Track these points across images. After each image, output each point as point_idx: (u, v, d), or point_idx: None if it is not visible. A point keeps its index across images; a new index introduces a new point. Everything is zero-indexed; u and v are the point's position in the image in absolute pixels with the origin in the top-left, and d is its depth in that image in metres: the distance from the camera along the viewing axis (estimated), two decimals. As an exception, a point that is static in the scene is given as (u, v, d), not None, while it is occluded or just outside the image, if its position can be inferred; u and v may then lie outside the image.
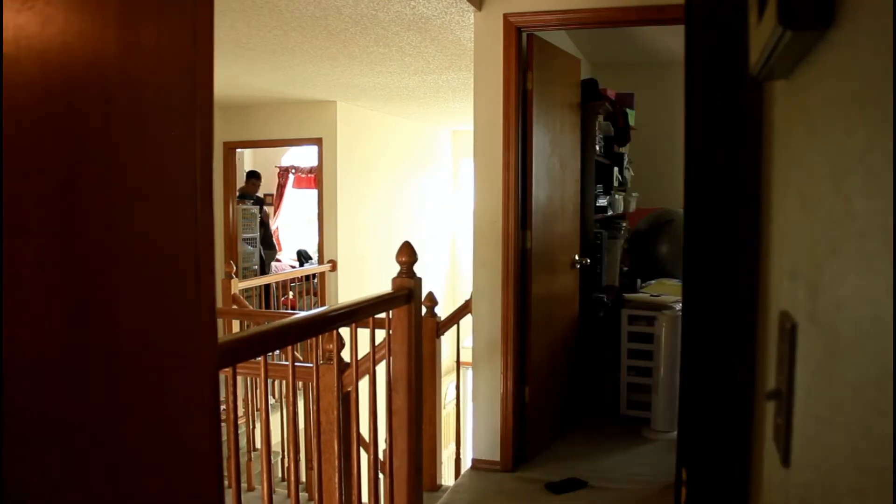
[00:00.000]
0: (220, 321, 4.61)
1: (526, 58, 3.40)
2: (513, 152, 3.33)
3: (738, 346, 0.93)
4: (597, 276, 4.30)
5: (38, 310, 0.61)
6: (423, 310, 3.34)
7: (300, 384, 3.55)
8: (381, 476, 2.82)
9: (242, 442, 4.30)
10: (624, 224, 4.62)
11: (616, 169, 4.59)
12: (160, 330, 0.76)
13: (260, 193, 7.94)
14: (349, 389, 2.93)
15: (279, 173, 9.46)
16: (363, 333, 2.57)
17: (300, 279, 7.04)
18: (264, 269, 7.50)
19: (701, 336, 0.95)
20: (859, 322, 0.46)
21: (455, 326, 3.84)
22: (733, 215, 0.92)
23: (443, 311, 3.84)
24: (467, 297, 3.79)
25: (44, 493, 0.63)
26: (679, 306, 3.93)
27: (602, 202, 4.33)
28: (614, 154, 4.57)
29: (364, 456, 3.13)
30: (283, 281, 6.84)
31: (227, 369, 1.85)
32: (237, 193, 7.27)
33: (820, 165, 0.58)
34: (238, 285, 5.41)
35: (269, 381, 4.60)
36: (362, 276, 6.99)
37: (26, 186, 0.60)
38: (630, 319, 4.15)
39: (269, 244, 7.71)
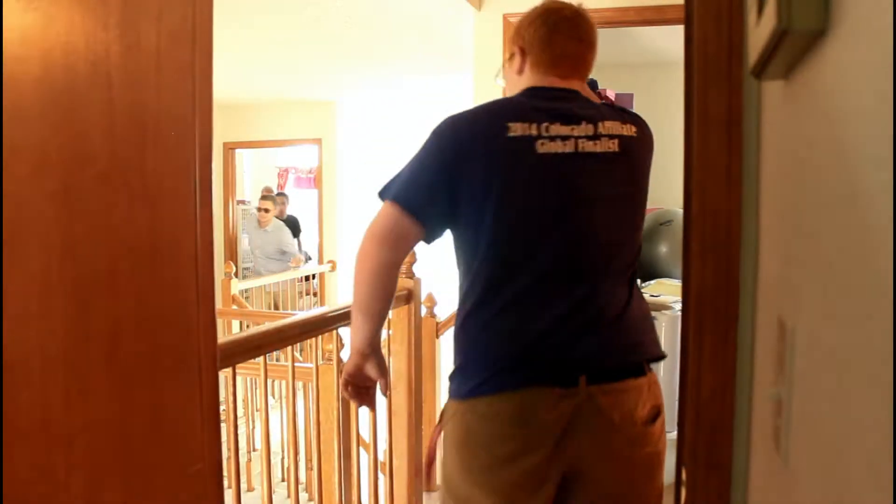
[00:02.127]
0: (219, 321, 4.61)
1: (526, 58, 3.39)
2: (513, 152, 3.32)
3: (738, 346, 0.93)
4: (597, 277, 4.29)
5: (39, 308, 0.61)
6: (423, 310, 3.34)
7: (300, 384, 3.55)
8: (381, 476, 2.82)
9: (242, 442, 4.30)
10: (624, 224, 4.61)
11: (616, 169, 4.58)
12: (160, 330, 0.76)
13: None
14: (349, 389, 2.93)
15: (279, 173, 9.46)
16: (363, 333, 2.57)
17: (300, 279, 7.04)
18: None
19: (700, 336, 0.95)
20: (859, 322, 0.46)
21: (455, 326, 3.84)
22: (733, 215, 0.92)
23: (443, 312, 3.84)
24: (467, 298, 3.79)
25: (43, 493, 0.63)
26: (679, 306, 3.93)
27: (602, 202, 4.32)
28: (614, 154, 4.57)
29: (364, 456, 3.13)
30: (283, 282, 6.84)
31: (226, 369, 1.85)
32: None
33: (819, 165, 0.58)
34: (238, 285, 5.41)
35: (269, 381, 4.59)
36: (362, 276, 6.97)
37: (28, 185, 0.60)
38: (630, 319, 4.15)
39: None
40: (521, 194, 1.31)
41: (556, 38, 1.44)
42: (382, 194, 1.41)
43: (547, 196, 1.33)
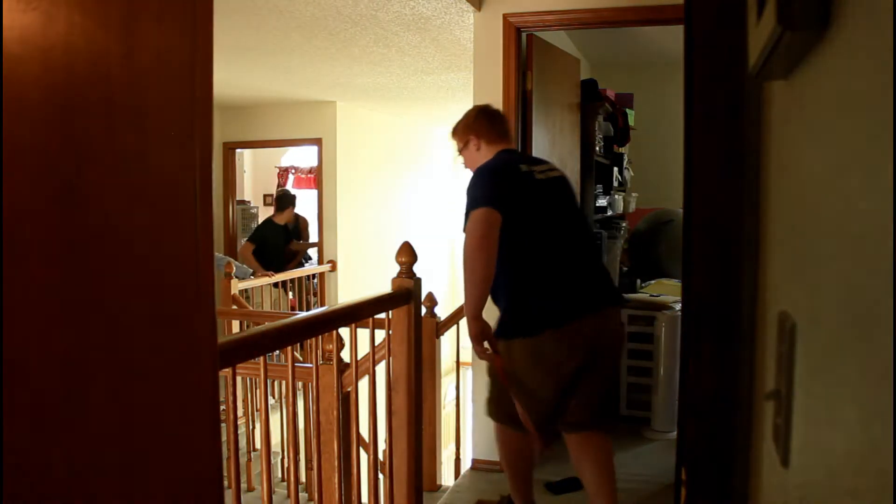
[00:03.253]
0: (219, 321, 4.60)
1: (525, 58, 3.40)
2: (513, 152, 3.33)
3: (738, 346, 0.93)
4: (596, 277, 4.30)
5: (39, 310, 0.61)
6: (423, 310, 3.34)
7: (300, 384, 3.55)
8: (381, 476, 2.82)
9: (242, 442, 4.30)
10: (623, 224, 4.61)
11: (616, 169, 4.58)
12: (160, 330, 0.76)
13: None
14: (349, 389, 2.93)
15: (279, 173, 9.46)
16: (363, 334, 2.57)
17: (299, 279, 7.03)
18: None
19: (700, 336, 0.95)
20: (859, 322, 0.46)
21: (455, 326, 3.84)
22: (733, 215, 0.92)
23: (443, 312, 3.84)
24: (467, 298, 3.79)
25: (42, 493, 0.63)
26: (678, 306, 3.93)
27: (602, 202, 4.33)
28: (614, 154, 4.57)
29: (364, 456, 3.13)
30: (283, 281, 6.83)
31: (226, 369, 1.85)
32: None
33: (819, 165, 0.58)
34: (238, 285, 5.41)
35: (269, 381, 4.59)
36: (362, 276, 6.99)
37: (28, 186, 0.60)
38: (629, 319, 4.15)
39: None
40: (540, 203, 2.38)
41: (496, 124, 2.57)
42: (469, 210, 2.26)
43: (548, 203, 2.41)
